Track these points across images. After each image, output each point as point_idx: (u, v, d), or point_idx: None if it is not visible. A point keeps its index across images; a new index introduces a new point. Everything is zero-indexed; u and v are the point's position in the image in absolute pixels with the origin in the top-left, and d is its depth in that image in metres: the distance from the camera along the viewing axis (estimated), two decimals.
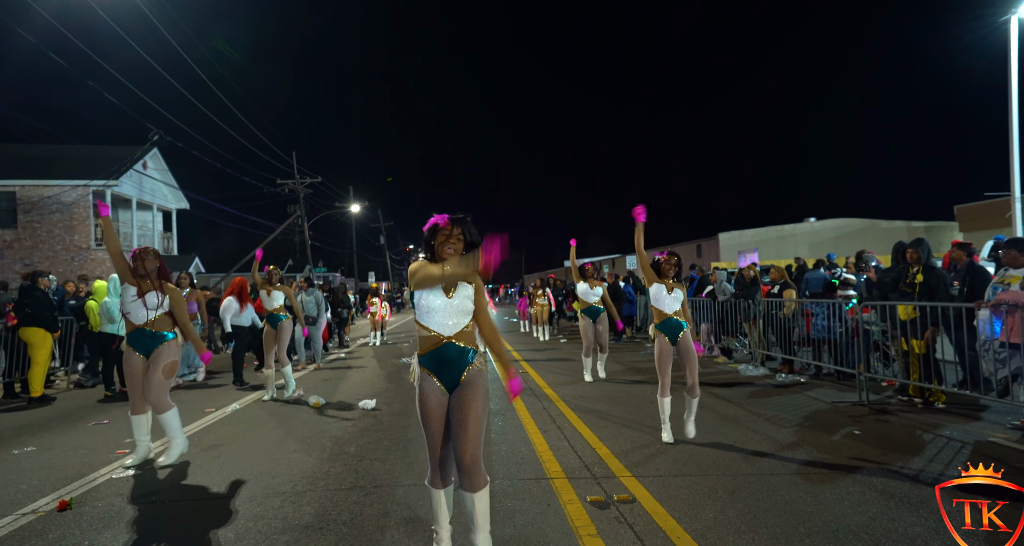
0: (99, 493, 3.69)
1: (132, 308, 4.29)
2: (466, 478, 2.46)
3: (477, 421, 2.48)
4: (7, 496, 3.64)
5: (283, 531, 3.02)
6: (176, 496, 3.63)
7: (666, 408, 4.48)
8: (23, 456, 4.59)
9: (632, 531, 2.93)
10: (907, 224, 32.62)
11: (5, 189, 19.99)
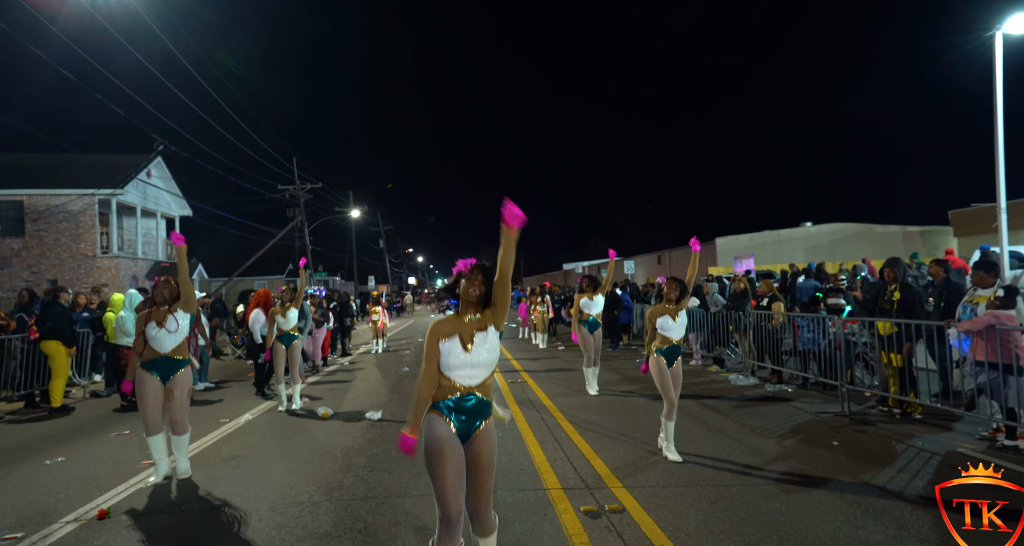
0: (132, 502, 4.00)
1: (156, 336, 4.42)
2: (480, 524, 2.56)
3: (493, 474, 2.56)
4: (49, 505, 3.95)
5: (304, 539, 3.33)
6: (204, 506, 3.94)
7: (671, 431, 4.59)
8: (55, 466, 4.90)
9: (621, 539, 3.24)
10: (902, 229, 32.96)
11: (13, 198, 20.31)
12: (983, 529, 2.89)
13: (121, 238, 22.98)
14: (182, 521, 3.67)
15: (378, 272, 67.72)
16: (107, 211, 21.72)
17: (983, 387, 4.67)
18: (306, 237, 32.64)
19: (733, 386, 7.90)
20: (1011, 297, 4.53)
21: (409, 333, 20.18)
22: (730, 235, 33.15)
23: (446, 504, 2.40)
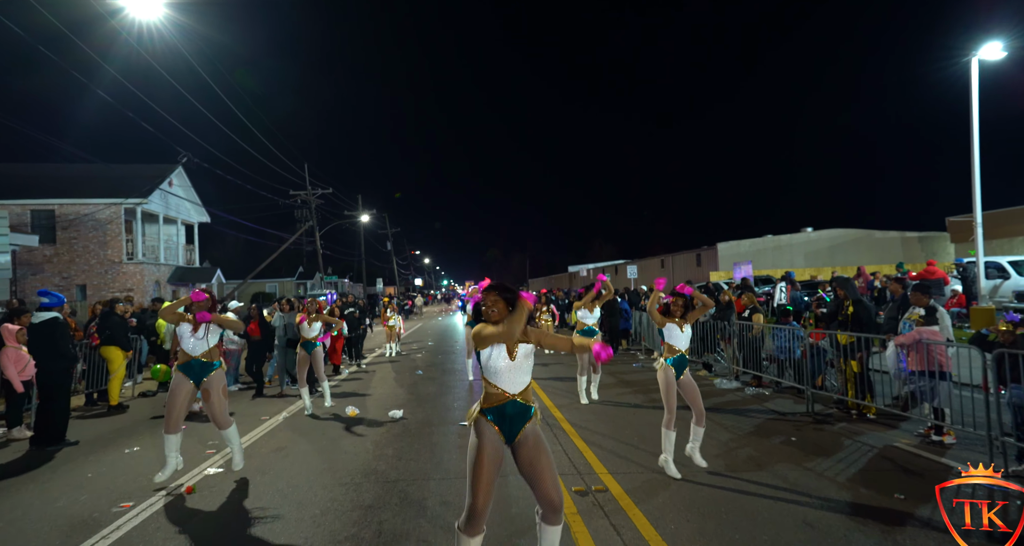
0: (208, 482, 4.92)
1: (188, 341, 4.93)
2: (554, 514, 2.77)
3: (553, 465, 2.83)
4: (141, 483, 4.88)
5: (354, 509, 4.23)
6: (266, 484, 4.85)
7: (671, 440, 4.75)
8: (134, 455, 5.84)
9: (602, 510, 4.11)
10: (901, 235, 33.57)
11: (45, 207, 21.43)
12: (983, 529, 2.93)
13: (144, 245, 24.07)
14: (253, 493, 4.58)
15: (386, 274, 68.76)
16: (132, 219, 22.81)
17: (915, 392, 5.51)
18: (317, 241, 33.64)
19: (717, 389, 8.74)
20: (931, 315, 5.36)
21: (419, 336, 21.05)
22: (731, 240, 33.89)
23: (476, 496, 2.67)
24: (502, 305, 2.84)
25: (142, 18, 10.20)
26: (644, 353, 13.12)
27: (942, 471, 4.73)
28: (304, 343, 7.85)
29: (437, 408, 7.93)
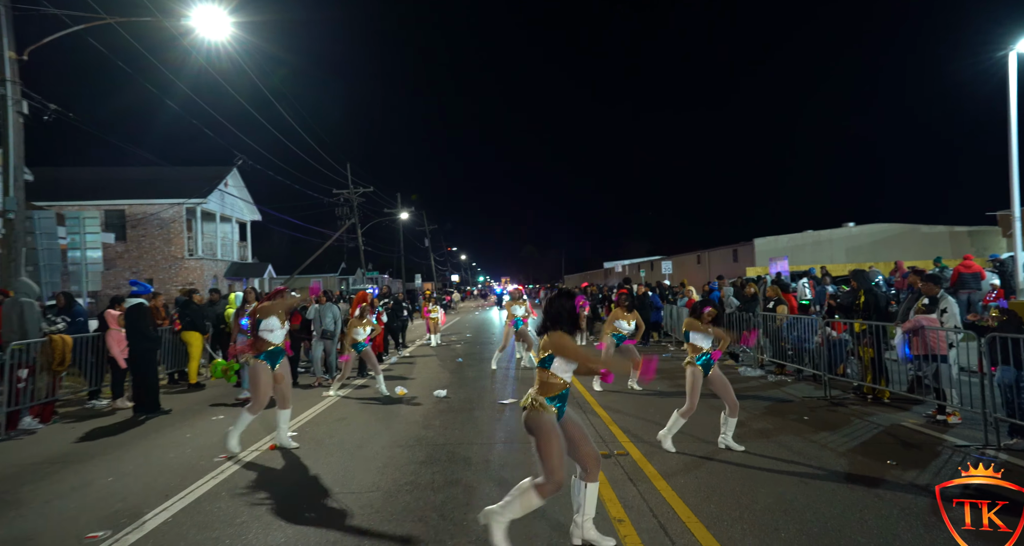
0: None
1: (275, 331, 5.55)
2: (596, 468, 3.30)
3: (587, 434, 3.42)
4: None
5: (410, 463, 5.00)
6: (336, 442, 5.67)
7: (678, 424, 5.21)
8: (220, 421, 6.79)
9: (622, 469, 4.75)
10: (949, 229, 32.59)
11: (117, 208, 23.26)
12: (983, 529, 2.94)
13: (203, 242, 25.74)
14: (325, 451, 5.41)
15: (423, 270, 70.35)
16: (192, 218, 24.47)
17: (920, 375, 5.92)
18: (359, 238, 35.01)
19: (742, 376, 9.21)
20: (933, 305, 5.76)
21: (458, 329, 21.92)
22: (769, 236, 33.56)
23: (557, 472, 3.12)
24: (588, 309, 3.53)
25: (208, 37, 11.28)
26: (674, 344, 13.58)
27: (936, 445, 5.18)
28: (354, 344, 8.40)
29: (477, 389, 8.68)
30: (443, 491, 4.32)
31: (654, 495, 4.16)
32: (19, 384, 6.61)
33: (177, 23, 11.09)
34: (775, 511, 3.79)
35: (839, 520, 3.63)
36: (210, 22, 10.98)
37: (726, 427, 5.20)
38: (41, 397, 6.95)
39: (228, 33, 11.21)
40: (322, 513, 3.96)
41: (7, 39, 9.75)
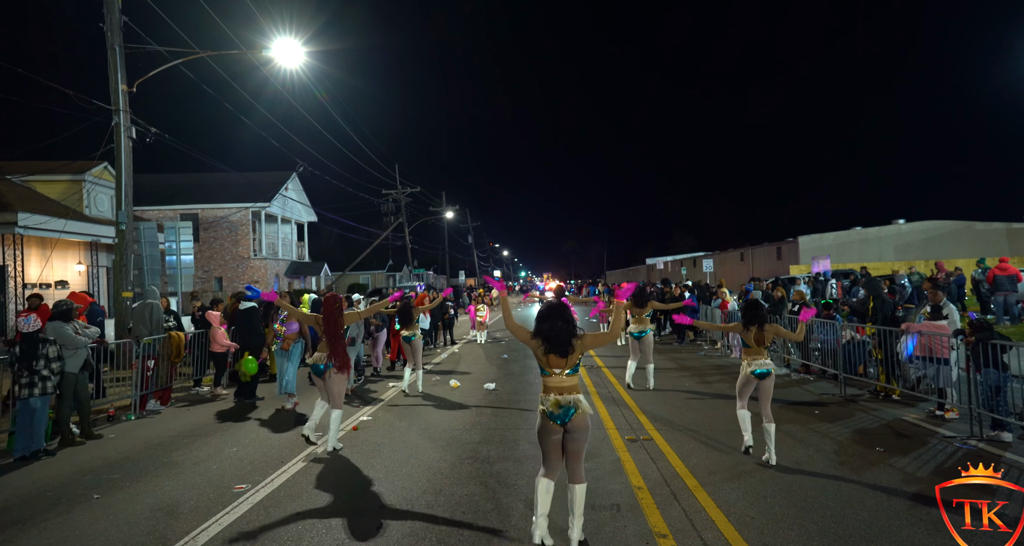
0: (364, 425, 6.96)
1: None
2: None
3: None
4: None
5: (468, 443, 6.07)
6: (406, 425, 6.81)
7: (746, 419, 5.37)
8: (302, 408, 8.07)
9: (646, 451, 5.67)
10: (1007, 226, 31.48)
11: (191, 212, 25.45)
12: (983, 529, 2.97)
13: (266, 242, 27.76)
14: (398, 432, 6.55)
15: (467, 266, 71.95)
16: (256, 220, 26.45)
17: (921, 375, 6.58)
18: (406, 237, 36.58)
19: None
20: (936, 312, 6.39)
21: (502, 325, 23.02)
22: (814, 234, 33.23)
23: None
24: None
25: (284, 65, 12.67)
26: (708, 344, 14.24)
27: (927, 436, 5.88)
28: (405, 337, 9.10)
29: (522, 383, 9.71)
30: (497, 463, 5.36)
31: (666, 464, 5.08)
32: (147, 372, 8.05)
33: (258, 54, 12.53)
34: (766, 480, 4.65)
35: (813, 490, 4.46)
36: (286, 52, 12.35)
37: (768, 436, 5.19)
38: (162, 384, 8.39)
39: (301, 61, 12.57)
40: (405, 474, 5.07)
41: (121, 74, 11.35)
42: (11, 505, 4.66)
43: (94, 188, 17.40)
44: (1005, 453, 5.24)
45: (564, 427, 3.61)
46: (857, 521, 3.87)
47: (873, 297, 7.60)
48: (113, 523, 4.19)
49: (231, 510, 4.36)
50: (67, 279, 16.61)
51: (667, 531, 3.84)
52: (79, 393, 6.41)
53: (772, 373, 5.31)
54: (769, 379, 5.27)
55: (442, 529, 3.96)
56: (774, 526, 3.86)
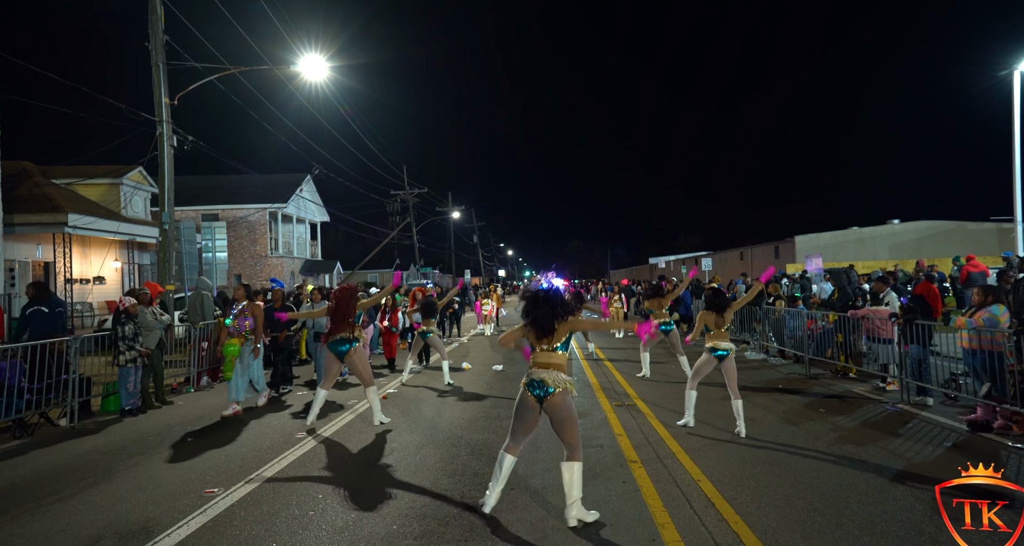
0: (391, 396, 8.15)
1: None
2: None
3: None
4: (342, 399, 8.20)
5: (481, 407, 7.24)
6: (426, 396, 7.99)
7: (692, 399, 6.02)
8: (349, 387, 9.27)
9: (630, 413, 6.83)
10: (997, 226, 32.38)
11: (212, 212, 26.74)
12: (983, 529, 2.97)
13: (282, 241, 29.03)
14: (417, 403, 7.73)
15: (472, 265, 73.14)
16: (273, 220, 27.72)
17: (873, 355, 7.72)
18: (414, 236, 37.81)
19: (747, 359, 11.03)
20: (876, 298, 7.52)
21: (507, 321, 24.17)
22: (810, 233, 34.23)
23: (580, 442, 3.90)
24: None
25: (310, 79, 13.89)
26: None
27: (866, 402, 7.01)
28: (422, 332, 9.50)
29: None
30: (506, 420, 6.50)
31: (644, 422, 6.23)
32: (202, 353, 9.26)
33: (285, 69, 13.75)
34: (729, 421, 5.80)
35: (759, 434, 5.60)
36: (310, 67, 13.55)
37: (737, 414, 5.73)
38: (213, 363, 9.61)
39: (325, 75, 13.78)
40: (431, 430, 6.25)
41: (164, 88, 12.58)
42: (127, 442, 5.88)
43: (130, 191, 18.68)
44: (921, 412, 6.37)
45: (542, 406, 3.77)
46: (783, 450, 5.01)
47: (838, 289, 8.72)
48: (208, 455, 5.39)
49: (295, 450, 5.55)
50: (103, 275, 17.93)
51: (637, 458, 5.01)
52: (155, 366, 7.63)
53: (731, 354, 5.81)
54: (729, 360, 5.77)
55: (465, 464, 5.13)
56: (720, 455, 5.01)
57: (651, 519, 3.78)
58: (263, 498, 4.31)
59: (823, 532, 3.53)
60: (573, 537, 3.57)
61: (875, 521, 3.64)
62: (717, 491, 4.21)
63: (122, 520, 3.97)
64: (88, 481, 4.81)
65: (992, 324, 5.68)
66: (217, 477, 4.80)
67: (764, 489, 4.24)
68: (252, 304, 7.34)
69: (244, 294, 7.56)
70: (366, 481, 4.64)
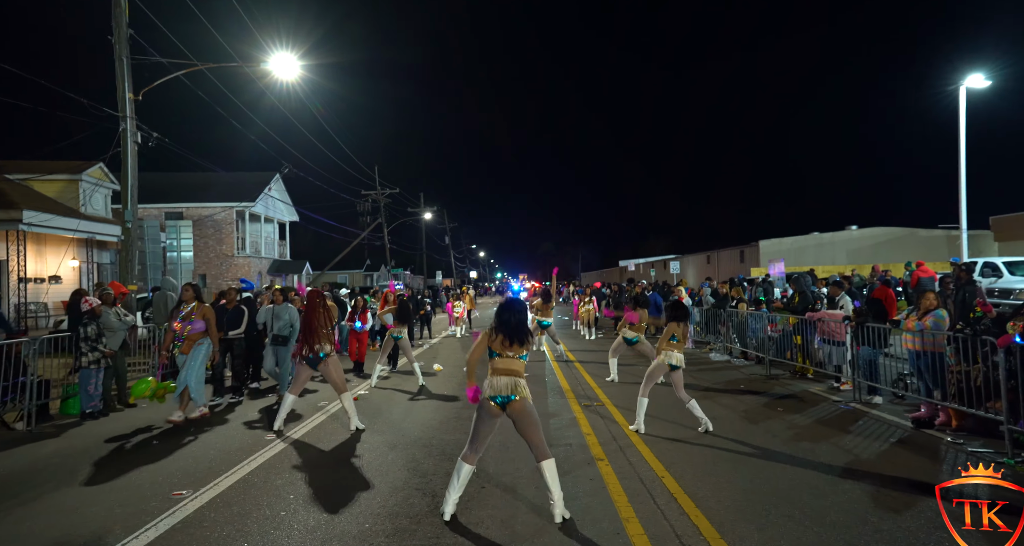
0: (363, 397, 8.16)
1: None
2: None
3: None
4: (312, 402, 8.17)
5: (452, 408, 7.32)
6: (399, 397, 8.02)
7: (643, 405, 6.04)
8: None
9: (598, 414, 7.00)
10: (947, 233, 33.96)
11: (176, 210, 26.06)
12: (983, 529, 2.97)
13: (249, 241, 28.46)
14: (393, 402, 7.76)
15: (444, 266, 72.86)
16: (240, 219, 27.16)
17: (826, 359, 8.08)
18: (385, 237, 37.52)
19: (711, 360, 11.38)
20: (832, 302, 7.89)
21: (479, 323, 24.25)
22: (774, 238, 35.31)
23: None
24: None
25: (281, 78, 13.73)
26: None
27: (820, 401, 7.34)
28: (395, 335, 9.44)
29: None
30: None
31: (610, 418, 6.42)
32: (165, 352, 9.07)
33: (255, 67, 13.55)
34: (693, 420, 6.02)
35: (719, 429, 5.84)
36: (281, 65, 13.39)
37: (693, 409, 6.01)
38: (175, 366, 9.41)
39: (297, 74, 13.64)
40: (402, 431, 6.30)
41: (128, 83, 12.27)
42: (90, 446, 5.76)
43: (90, 188, 18.10)
44: (871, 410, 6.72)
45: (505, 412, 3.90)
46: (743, 447, 5.25)
47: (799, 293, 9.09)
48: (176, 457, 5.34)
49: (265, 451, 5.54)
50: (60, 274, 17.32)
51: (604, 456, 5.17)
52: (118, 368, 7.46)
53: (682, 366, 6.10)
54: (680, 371, 6.07)
55: (437, 464, 5.21)
56: (683, 452, 5.21)
57: (616, 514, 3.93)
58: (233, 499, 4.31)
59: (776, 523, 3.74)
60: (543, 532, 3.69)
61: (824, 512, 3.87)
62: (679, 486, 4.39)
63: (87, 523, 3.93)
64: (50, 485, 4.72)
65: (938, 328, 6.04)
66: (185, 479, 4.76)
67: (724, 484, 4.45)
68: (202, 305, 6.96)
69: (193, 295, 7.06)
70: (338, 481, 4.68)
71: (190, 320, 6.81)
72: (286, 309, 8.34)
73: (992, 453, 5.05)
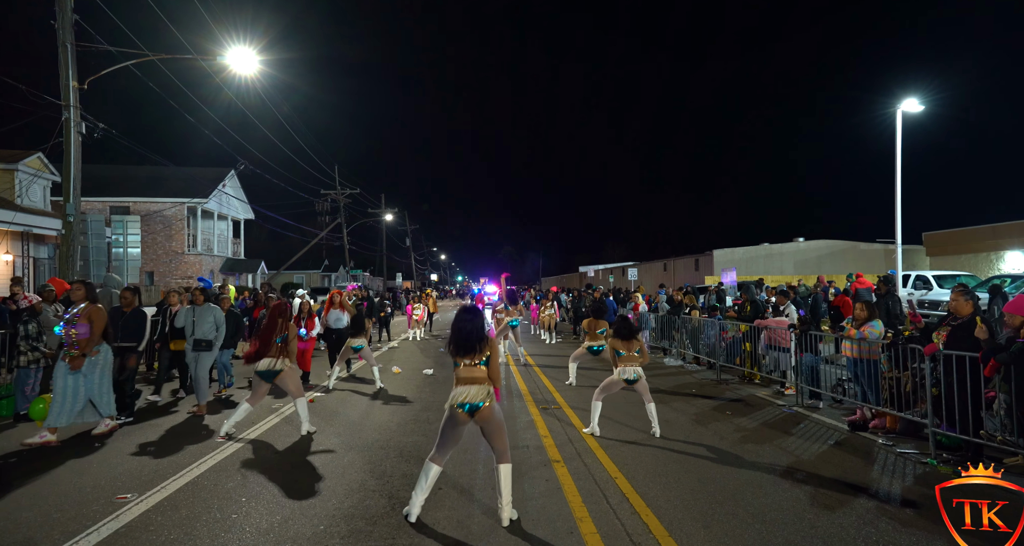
0: (319, 400, 8.03)
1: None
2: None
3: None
4: (271, 404, 8.00)
5: (411, 410, 7.29)
6: (357, 399, 7.93)
7: (597, 409, 6.17)
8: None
9: (555, 418, 7.11)
10: (884, 247, 35.94)
11: (123, 204, 24.92)
12: (983, 529, 2.96)
13: (201, 238, 27.48)
14: (351, 403, 7.67)
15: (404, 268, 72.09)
16: (192, 216, 26.21)
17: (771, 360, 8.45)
18: (344, 238, 36.89)
19: (665, 365, 11.70)
20: (777, 310, 8.27)
21: (439, 326, 24.13)
22: (727, 248, 36.53)
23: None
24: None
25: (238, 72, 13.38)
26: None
27: (766, 405, 7.68)
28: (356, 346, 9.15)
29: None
30: (435, 423, 6.62)
31: (567, 421, 6.54)
32: None
33: (211, 61, 13.16)
34: (646, 423, 6.20)
35: (668, 432, 6.04)
36: (238, 59, 13.06)
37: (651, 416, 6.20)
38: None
39: (256, 68, 13.31)
40: (359, 433, 6.24)
41: (72, 71, 11.72)
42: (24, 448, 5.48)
43: (27, 178, 17.15)
44: (812, 414, 7.08)
45: (473, 419, 3.96)
46: (692, 449, 5.46)
47: (749, 301, 9.48)
48: (120, 461, 5.14)
49: (216, 454, 5.40)
50: None
51: (560, 458, 5.28)
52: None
53: (641, 379, 6.12)
54: (640, 382, 6.09)
55: (394, 466, 5.20)
56: (636, 454, 5.37)
57: (571, 514, 4.03)
58: (181, 502, 4.20)
59: (722, 521, 3.91)
60: (497, 532, 3.75)
61: (766, 510, 4.08)
62: (631, 487, 4.54)
63: (22, 529, 3.75)
64: None
65: (875, 337, 6.43)
66: (130, 482, 4.60)
67: (673, 484, 4.62)
68: (92, 307, 6.03)
69: (84, 295, 6.13)
70: (292, 483, 4.62)
71: (73, 323, 5.92)
72: (210, 310, 7.56)
73: (917, 454, 5.41)
